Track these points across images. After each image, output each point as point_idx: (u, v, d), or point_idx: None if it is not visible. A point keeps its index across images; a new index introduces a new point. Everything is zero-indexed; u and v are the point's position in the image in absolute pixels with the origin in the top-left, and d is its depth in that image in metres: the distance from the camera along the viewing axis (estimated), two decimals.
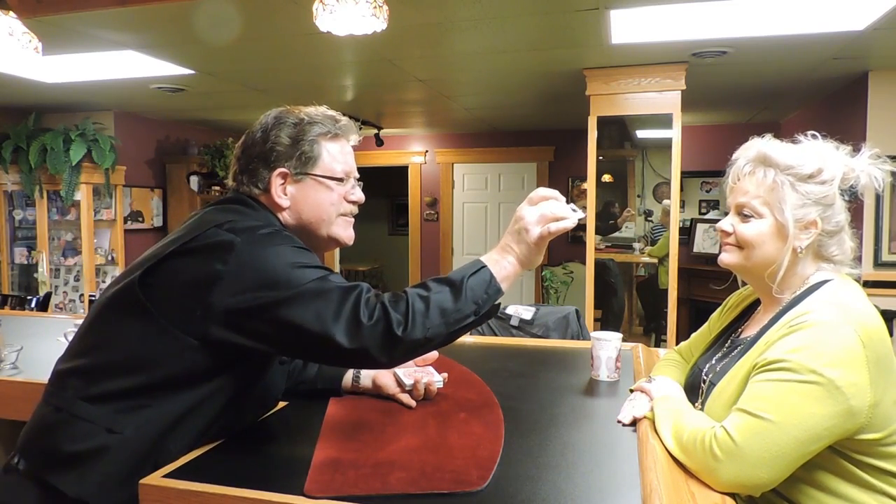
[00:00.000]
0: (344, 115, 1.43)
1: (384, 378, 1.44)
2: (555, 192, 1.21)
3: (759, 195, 1.20)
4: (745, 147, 1.26)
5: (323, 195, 1.29)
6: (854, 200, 1.25)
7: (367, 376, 1.46)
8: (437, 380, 1.44)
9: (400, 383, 1.42)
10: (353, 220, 1.37)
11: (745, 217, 1.23)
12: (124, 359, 1.13)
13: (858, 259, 1.25)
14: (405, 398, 1.40)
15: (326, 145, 1.29)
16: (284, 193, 1.26)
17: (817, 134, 1.24)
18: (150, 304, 1.12)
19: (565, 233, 1.21)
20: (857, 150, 1.22)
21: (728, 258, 1.27)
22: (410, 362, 1.46)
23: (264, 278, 1.08)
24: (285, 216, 1.28)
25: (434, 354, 1.50)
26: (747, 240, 1.23)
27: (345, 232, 1.34)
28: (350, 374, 1.47)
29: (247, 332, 1.10)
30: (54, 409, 1.14)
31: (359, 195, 1.36)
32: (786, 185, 1.18)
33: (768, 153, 1.20)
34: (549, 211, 1.18)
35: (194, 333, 1.10)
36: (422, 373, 1.44)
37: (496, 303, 1.14)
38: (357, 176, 1.37)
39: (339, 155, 1.31)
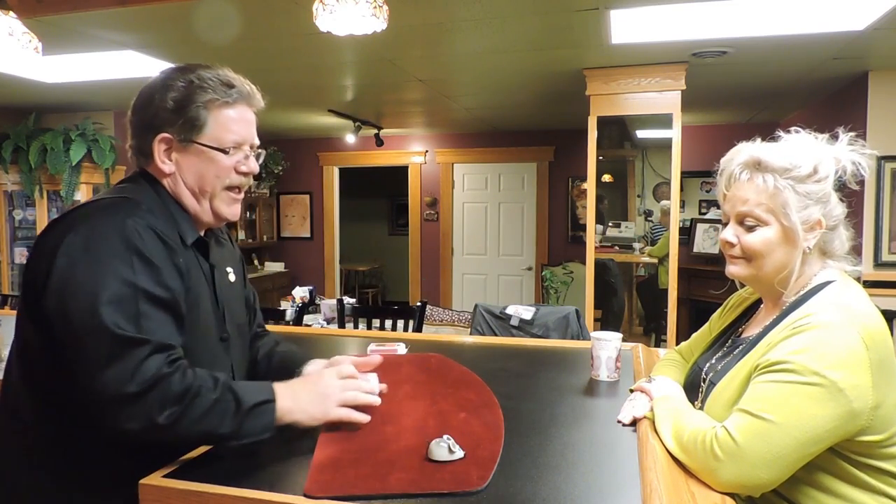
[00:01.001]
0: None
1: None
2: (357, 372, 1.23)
3: (762, 202, 1.16)
4: (735, 152, 1.22)
5: (208, 165, 1.19)
6: (843, 189, 1.21)
7: (306, 374, 1.37)
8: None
9: None
10: (241, 195, 1.26)
11: (748, 227, 1.19)
12: (21, 365, 1.15)
13: (856, 251, 1.25)
14: (356, 416, 1.31)
15: (216, 112, 1.19)
16: (168, 159, 1.19)
17: (800, 129, 1.22)
18: (24, 303, 1.13)
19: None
20: (834, 136, 1.19)
21: (737, 270, 1.24)
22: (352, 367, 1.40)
23: (72, 297, 1.03)
24: (170, 183, 1.21)
25: (377, 359, 1.37)
26: (755, 250, 1.19)
27: (228, 209, 1.24)
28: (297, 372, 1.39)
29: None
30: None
31: (251, 166, 1.24)
32: (787, 188, 1.15)
33: (762, 157, 1.17)
34: (353, 395, 1.18)
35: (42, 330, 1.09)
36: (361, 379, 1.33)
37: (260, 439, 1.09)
38: (255, 144, 1.26)
39: (230, 123, 1.20)
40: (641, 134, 4.75)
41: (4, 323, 2.37)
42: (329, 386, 1.17)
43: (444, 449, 1.10)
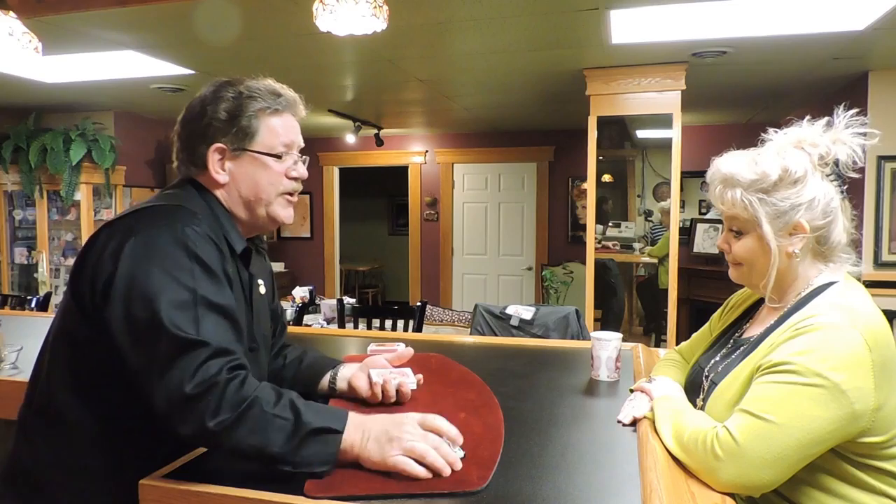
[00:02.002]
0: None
1: (358, 381, 1.39)
2: (451, 431, 1.08)
3: (738, 213, 1.21)
4: (711, 169, 1.27)
5: (261, 172, 1.23)
6: (840, 178, 1.20)
7: (342, 379, 1.42)
8: (410, 382, 1.39)
9: (373, 385, 1.37)
10: (295, 198, 1.30)
11: (736, 234, 1.25)
12: (69, 368, 1.14)
13: (856, 250, 1.24)
14: (375, 398, 1.36)
15: (266, 120, 1.23)
16: (222, 169, 1.22)
17: (778, 130, 1.22)
18: (75, 307, 1.13)
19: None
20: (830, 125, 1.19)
21: (733, 274, 1.30)
22: (386, 363, 1.45)
23: (137, 302, 1.04)
24: (223, 194, 1.24)
25: (409, 352, 1.49)
26: (741, 258, 1.25)
27: (284, 211, 1.27)
28: (327, 377, 1.43)
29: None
30: (18, 428, 1.17)
31: (301, 171, 1.28)
32: (754, 201, 1.17)
33: (729, 173, 1.21)
34: (429, 450, 1.03)
35: (101, 335, 1.09)
36: (395, 374, 1.40)
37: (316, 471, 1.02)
38: (301, 146, 1.30)
39: (279, 130, 1.24)
40: (641, 134, 4.76)
41: (4, 323, 2.37)
42: (402, 431, 1.05)
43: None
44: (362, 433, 1.05)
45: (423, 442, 1.04)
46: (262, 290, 1.35)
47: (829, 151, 1.17)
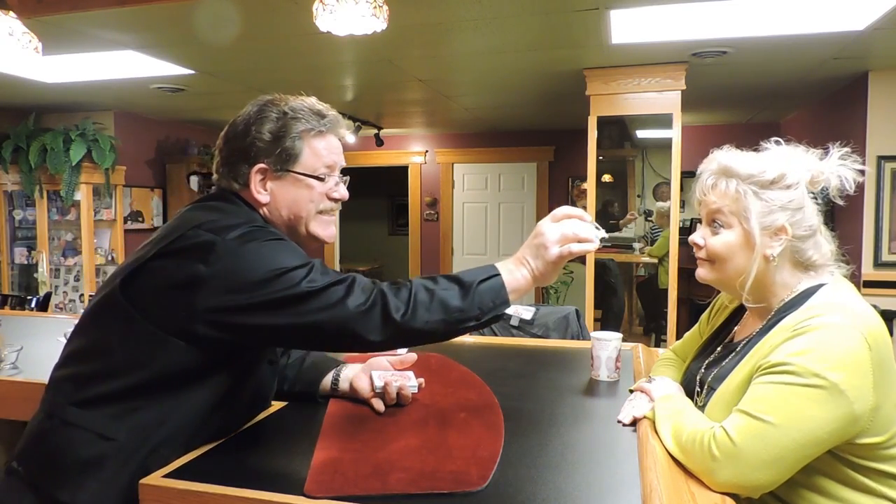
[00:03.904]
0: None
1: (360, 382, 1.40)
2: (580, 212, 1.20)
3: (726, 205, 1.20)
4: (708, 160, 1.26)
5: (303, 193, 1.24)
6: (829, 204, 1.23)
7: (345, 379, 1.43)
8: (411, 385, 1.39)
9: (374, 387, 1.38)
10: (335, 217, 1.32)
11: (714, 229, 1.23)
12: (112, 362, 1.13)
13: (856, 250, 1.25)
14: (377, 403, 1.36)
15: (310, 142, 1.24)
16: (264, 189, 1.23)
17: (780, 140, 1.23)
18: (134, 307, 1.12)
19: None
20: (827, 152, 1.21)
21: (702, 273, 1.28)
22: (388, 365, 1.46)
23: (248, 281, 1.07)
24: (265, 212, 1.25)
25: (412, 357, 1.50)
26: (717, 252, 1.23)
27: (324, 231, 1.30)
28: (329, 377, 1.44)
29: (233, 330, 1.10)
30: (47, 416, 1.15)
31: (342, 192, 1.30)
32: (748, 193, 1.17)
33: (729, 164, 1.20)
34: (571, 231, 1.17)
35: (179, 334, 1.10)
36: (397, 376, 1.40)
37: (501, 313, 1.14)
38: (342, 168, 1.32)
39: (322, 151, 1.26)
40: (641, 134, 4.76)
41: (4, 323, 2.37)
42: (543, 234, 1.17)
43: (591, 227, 1.17)
44: (516, 262, 1.18)
45: (563, 227, 1.16)
46: None
47: (822, 175, 1.19)
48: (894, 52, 3.53)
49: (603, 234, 1.20)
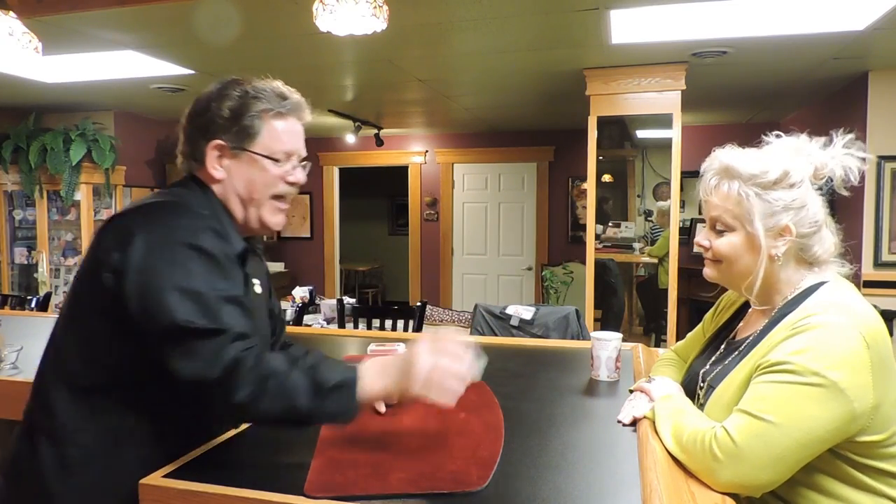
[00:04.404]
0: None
1: None
2: (460, 346, 1.13)
3: (728, 208, 1.19)
4: (710, 159, 1.25)
5: (258, 173, 1.23)
6: (833, 195, 1.22)
7: None
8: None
9: None
10: (285, 205, 1.29)
11: (719, 232, 1.22)
12: (74, 365, 1.14)
13: (856, 250, 1.24)
14: (377, 404, 1.33)
15: (269, 122, 1.22)
16: (220, 166, 1.22)
17: (782, 133, 1.22)
18: (86, 301, 1.13)
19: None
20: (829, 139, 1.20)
21: (709, 272, 1.28)
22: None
23: (150, 296, 1.06)
24: (220, 190, 1.24)
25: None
26: (722, 254, 1.22)
27: (274, 218, 1.27)
28: None
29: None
30: (23, 427, 1.17)
31: (299, 177, 1.27)
32: (751, 195, 1.16)
33: (731, 164, 1.19)
34: (440, 375, 1.08)
35: (116, 329, 1.10)
36: None
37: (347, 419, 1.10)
38: (303, 156, 1.30)
39: (282, 134, 1.24)
40: (641, 134, 4.75)
41: (4, 323, 2.37)
42: (418, 363, 1.09)
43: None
44: (381, 376, 1.10)
45: (436, 374, 1.09)
46: (258, 289, 1.35)
47: (826, 166, 1.18)
48: (894, 52, 3.53)
49: (482, 364, 1.14)
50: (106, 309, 1.11)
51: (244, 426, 1.28)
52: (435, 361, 1.09)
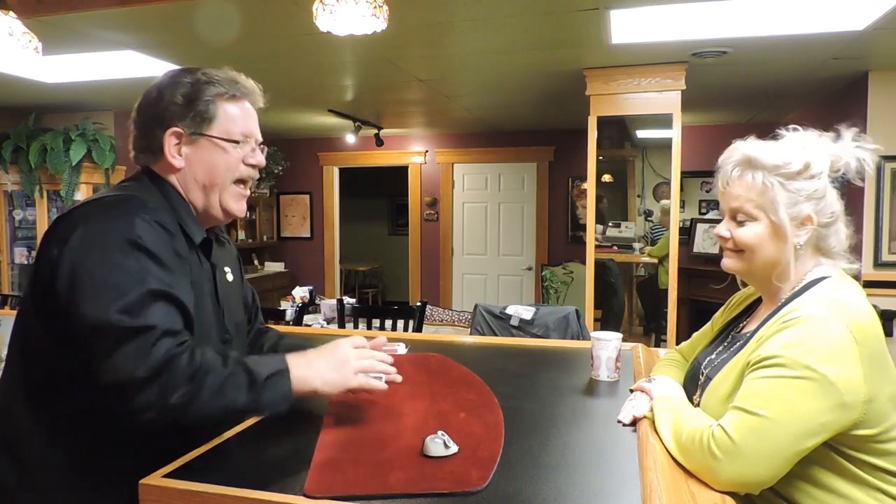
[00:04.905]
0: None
1: None
2: (380, 341, 1.26)
3: (751, 198, 1.20)
4: (730, 150, 1.25)
5: (218, 157, 1.23)
6: (845, 188, 1.23)
7: None
8: (400, 351, 1.41)
9: None
10: (247, 191, 1.30)
11: (740, 222, 1.23)
12: (23, 363, 1.14)
13: (856, 250, 1.25)
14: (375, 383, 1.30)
15: (224, 106, 1.23)
16: (179, 154, 1.21)
17: (798, 127, 1.23)
18: (31, 300, 1.13)
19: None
20: (837, 134, 1.21)
21: (730, 263, 1.27)
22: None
23: (79, 293, 1.05)
24: (179, 179, 1.23)
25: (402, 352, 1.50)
26: (746, 243, 1.22)
27: (237, 204, 1.27)
28: None
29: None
30: None
31: (259, 158, 1.28)
32: (776, 185, 1.17)
33: (753, 155, 1.20)
34: (369, 364, 1.21)
35: (52, 326, 1.10)
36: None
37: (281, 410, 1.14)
38: (260, 140, 1.30)
39: (237, 118, 1.24)
40: (641, 134, 4.76)
41: (4, 323, 2.37)
42: (346, 354, 1.20)
43: (440, 444, 1.10)
44: (308, 366, 1.16)
45: (365, 358, 1.21)
46: (230, 277, 1.34)
47: (841, 159, 1.19)
48: (894, 52, 3.53)
49: (404, 349, 1.24)
50: (40, 306, 1.10)
51: (245, 424, 1.28)
52: (360, 355, 1.20)
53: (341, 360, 1.19)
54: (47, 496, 1.12)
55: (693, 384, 1.33)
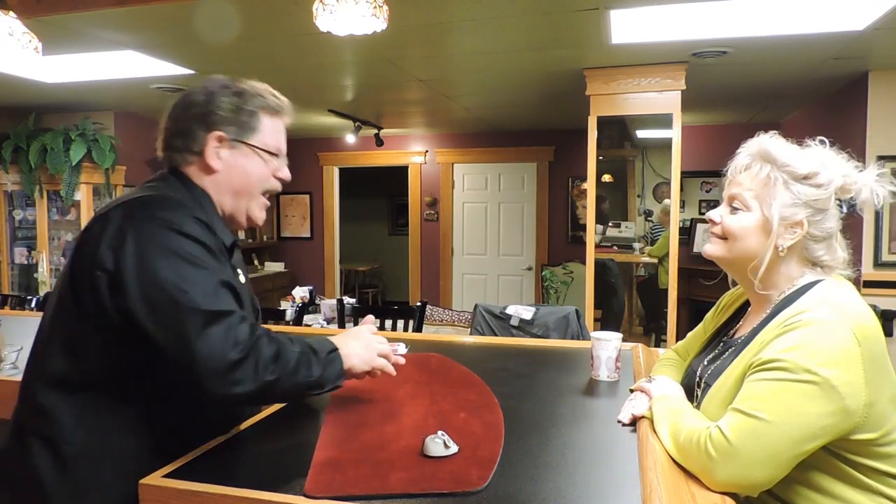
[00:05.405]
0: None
1: None
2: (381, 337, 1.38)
3: (752, 188, 1.21)
4: (751, 141, 1.26)
5: (254, 166, 1.28)
6: (852, 214, 1.24)
7: None
8: (399, 353, 1.48)
9: None
10: (268, 203, 1.37)
11: (734, 209, 1.24)
12: (62, 365, 1.14)
13: (856, 250, 1.25)
14: (391, 367, 1.38)
15: (265, 119, 1.29)
16: (218, 157, 1.26)
17: (826, 140, 1.23)
18: (76, 301, 1.13)
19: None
20: (863, 163, 1.22)
21: (711, 249, 1.28)
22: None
23: (153, 288, 1.08)
24: (212, 183, 1.27)
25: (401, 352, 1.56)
26: (731, 231, 1.23)
27: (260, 213, 1.34)
28: None
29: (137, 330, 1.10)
30: (12, 429, 1.17)
31: (286, 173, 1.35)
32: (779, 181, 1.18)
33: (769, 149, 1.21)
34: (383, 349, 1.34)
35: (110, 326, 1.11)
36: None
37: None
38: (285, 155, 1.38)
39: (275, 132, 1.31)
40: (641, 134, 4.76)
41: (4, 323, 2.37)
42: (371, 338, 1.34)
43: (440, 444, 1.10)
44: (346, 346, 1.27)
45: (383, 344, 1.34)
46: (242, 278, 1.38)
47: (856, 184, 1.18)
48: (894, 52, 3.53)
49: (404, 349, 1.38)
50: (97, 307, 1.11)
51: (246, 424, 1.28)
52: (375, 336, 1.35)
53: (366, 342, 1.32)
54: (87, 490, 1.13)
55: (689, 393, 1.32)
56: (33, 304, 3.55)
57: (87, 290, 1.12)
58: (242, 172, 1.27)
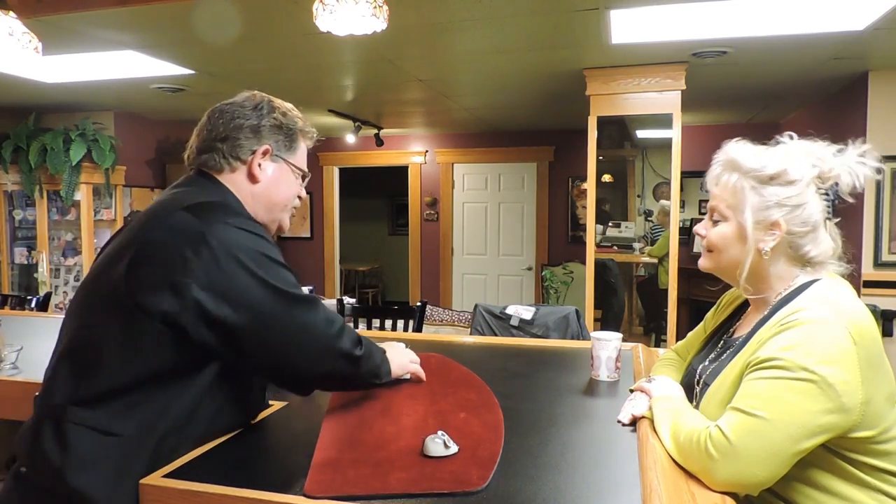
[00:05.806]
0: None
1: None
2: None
3: (725, 198, 1.23)
4: (720, 151, 1.28)
5: (290, 182, 1.37)
6: (840, 200, 1.23)
7: None
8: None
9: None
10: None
11: (715, 221, 1.26)
12: (110, 356, 1.12)
13: (851, 258, 1.25)
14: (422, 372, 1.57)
15: (302, 141, 1.40)
16: (261, 168, 1.32)
17: (794, 134, 1.24)
18: (129, 297, 1.12)
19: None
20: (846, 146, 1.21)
21: (702, 262, 1.32)
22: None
23: (241, 293, 1.12)
24: (250, 192, 1.31)
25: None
26: (714, 243, 1.26)
27: (288, 224, 1.43)
28: None
29: (220, 340, 1.13)
30: (47, 418, 1.13)
31: (304, 194, 1.47)
32: (746, 188, 1.19)
33: (734, 157, 1.23)
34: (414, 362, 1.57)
35: (172, 326, 1.10)
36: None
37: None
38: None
39: (305, 154, 1.42)
40: (641, 134, 4.75)
41: (4, 323, 2.37)
42: (403, 349, 1.56)
43: (440, 444, 1.11)
44: (389, 354, 1.44)
45: (413, 357, 1.57)
46: None
47: (832, 171, 1.18)
48: (894, 52, 3.53)
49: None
50: (165, 308, 1.10)
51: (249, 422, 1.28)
52: (407, 350, 1.57)
53: (401, 351, 1.53)
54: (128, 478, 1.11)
55: (689, 392, 1.32)
56: (33, 305, 3.54)
57: (152, 291, 1.11)
58: (282, 186, 1.35)
